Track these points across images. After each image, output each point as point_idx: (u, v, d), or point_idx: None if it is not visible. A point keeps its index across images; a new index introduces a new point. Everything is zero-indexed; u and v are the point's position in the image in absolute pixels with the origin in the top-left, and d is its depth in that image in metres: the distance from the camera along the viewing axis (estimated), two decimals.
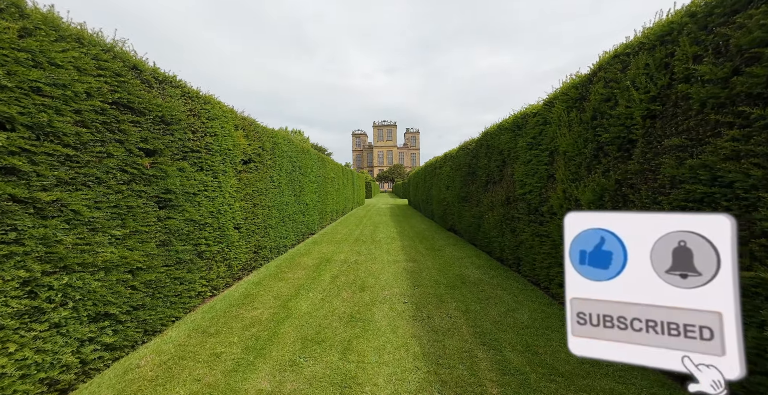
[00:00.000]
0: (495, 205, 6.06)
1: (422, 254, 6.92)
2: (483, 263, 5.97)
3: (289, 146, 7.37)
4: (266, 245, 5.94)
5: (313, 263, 6.17)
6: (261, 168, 5.71)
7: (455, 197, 9.12)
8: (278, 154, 6.60)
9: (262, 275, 5.30)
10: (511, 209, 5.31)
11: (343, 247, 7.79)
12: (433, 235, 9.56)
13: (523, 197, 4.79)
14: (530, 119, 4.53)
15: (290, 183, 7.34)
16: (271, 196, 6.13)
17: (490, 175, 6.41)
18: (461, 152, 8.57)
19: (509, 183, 5.42)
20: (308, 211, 8.80)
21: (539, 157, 4.24)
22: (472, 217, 7.53)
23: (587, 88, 3.22)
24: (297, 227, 7.84)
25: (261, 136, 5.80)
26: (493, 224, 6.09)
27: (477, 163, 7.24)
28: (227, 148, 4.46)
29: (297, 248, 7.61)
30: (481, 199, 6.91)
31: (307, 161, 8.76)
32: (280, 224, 6.66)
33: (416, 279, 5.09)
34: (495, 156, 6.11)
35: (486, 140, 6.70)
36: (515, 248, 5.10)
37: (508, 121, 5.52)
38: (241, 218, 4.85)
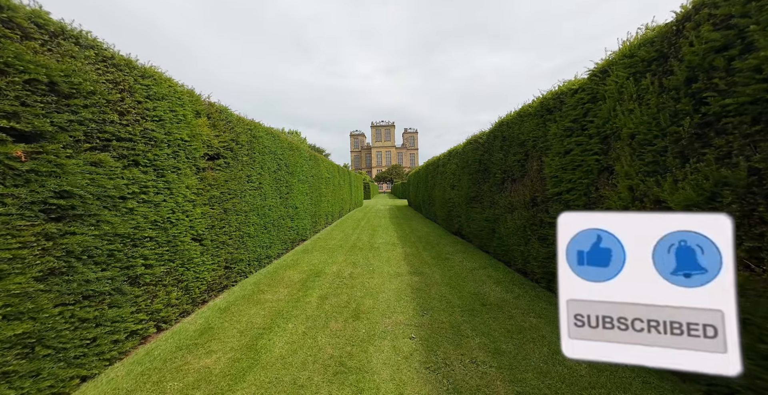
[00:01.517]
0: (515, 207, 5.07)
1: (428, 265, 5.92)
2: (502, 277, 4.97)
3: (274, 141, 6.36)
4: (242, 258, 4.92)
5: (300, 279, 5.15)
6: (234, 166, 4.70)
7: (462, 197, 8.13)
8: (258, 149, 5.59)
9: (234, 297, 4.27)
10: (539, 212, 4.31)
11: (336, 256, 6.78)
12: (437, 240, 8.56)
13: (558, 197, 3.79)
14: (568, 98, 3.54)
15: (275, 184, 6.33)
16: (248, 199, 5.12)
17: (508, 171, 5.42)
18: (469, 147, 7.58)
19: (536, 180, 4.43)
20: (298, 215, 7.78)
21: (584, 145, 3.24)
22: (484, 220, 6.54)
23: (673, 41, 2.23)
24: (284, 234, 6.82)
25: (234, 127, 4.79)
26: (513, 230, 5.10)
27: (490, 158, 6.25)
28: (181, 138, 3.45)
29: (283, 259, 6.59)
30: (496, 200, 5.92)
31: (296, 159, 7.75)
32: (262, 231, 5.65)
33: (424, 300, 4.09)
34: (514, 149, 5.12)
35: (501, 130, 5.71)
36: (547, 260, 4.10)
37: (532, 105, 4.53)
38: (203, 228, 3.84)
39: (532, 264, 4.53)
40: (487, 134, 6.51)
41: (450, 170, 9.39)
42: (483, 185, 6.69)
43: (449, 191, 9.50)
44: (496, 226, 5.97)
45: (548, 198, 4.05)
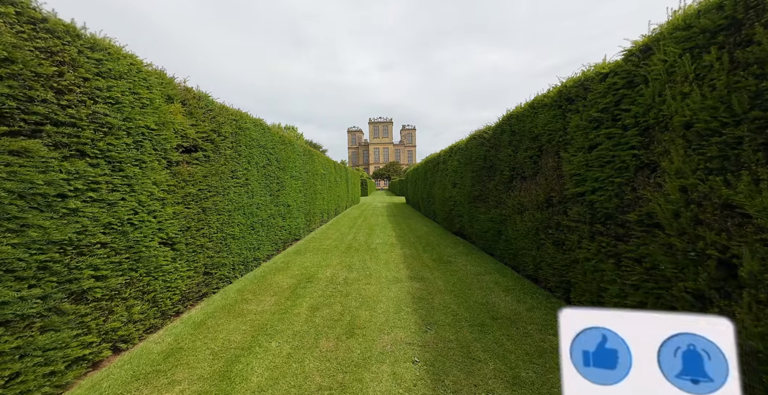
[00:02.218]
0: (526, 207, 4.60)
1: (429, 269, 5.46)
2: (512, 285, 4.51)
3: (263, 134, 5.84)
4: (225, 263, 4.42)
5: (290, 285, 4.67)
6: (216, 159, 4.19)
7: (465, 196, 7.66)
8: (245, 142, 5.07)
9: (213, 308, 3.78)
10: (555, 214, 3.85)
11: (331, 258, 6.30)
12: (438, 240, 8.10)
13: (580, 197, 3.33)
14: (595, 85, 3.05)
15: (264, 180, 5.82)
16: (232, 197, 4.61)
17: (517, 169, 4.95)
18: (473, 142, 7.09)
19: (551, 179, 3.96)
20: (290, 213, 7.28)
21: (617, 138, 2.77)
22: (489, 221, 6.07)
23: (753, 2, 1.75)
24: (274, 234, 6.32)
25: (216, 116, 4.27)
26: (524, 233, 4.64)
27: (496, 154, 5.77)
28: (146, 126, 2.93)
29: (273, 261, 6.09)
30: (503, 199, 5.46)
31: (288, 154, 7.23)
32: (249, 232, 5.15)
33: (427, 312, 3.63)
34: (525, 144, 4.64)
35: (510, 124, 5.23)
36: (564, 268, 3.65)
37: (549, 95, 4.05)
38: (176, 230, 3.33)
39: (546, 271, 4.08)
40: (494, 129, 6.03)
41: (451, 167, 8.91)
42: (488, 184, 6.22)
43: (450, 189, 9.03)
44: (502, 227, 5.51)
45: (567, 199, 3.59)
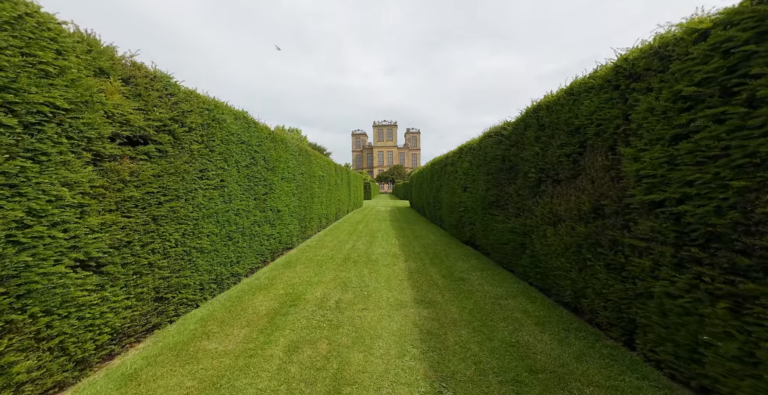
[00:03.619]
0: (562, 217, 3.68)
1: (439, 289, 4.53)
2: (545, 315, 3.57)
3: (246, 129, 4.99)
4: (189, 283, 3.55)
5: (269, 310, 3.77)
6: (176, 156, 3.33)
7: (477, 201, 6.73)
8: (221, 137, 4.22)
9: (161, 347, 2.89)
10: (608, 228, 2.92)
11: (324, 272, 5.40)
12: (446, 251, 7.17)
13: (658, 208, 2.40)
14: (685, 48, 2.15)
15: (247, 182, 4.96)
16: (201, 201, 3.74)
17: (548, 170, 4.03)
18: (488, 140, 6.18)
19: (602, 182, 3.04)
20: (280, 220, 6.41)
21: (735, 120, 1.85)
22: (510, 232, 5.14)
23: None
24: (259, 244, 5.44)
25: (179, 103, 3.42)
26: (559, 249, 3.70)
27: (519, 153, 4.86)
28: (52, 104, 2.08)
29: (257, 276, 5.21)
30: (528, 206, 4.53)
31: (280, 154, 6.37)
32: (224, 243, 4.27)
33: (440, 356, 2.71)
34: (561, 139, 3.73)
35: (538, 117, 4.32)
36: (625, 302, 2.71)
37: (598, 74, 3.14)
38: (104, 246, 2.46)
39: (593, 301, 3.14)
40: (514, 124, 5.12)
41: (461, 169, 8.00)
42: (507, 187, 5.30)
43: (460, 193, 8.11)
44: (527, 241, 4.57)
45: (631, 209, 2.66)
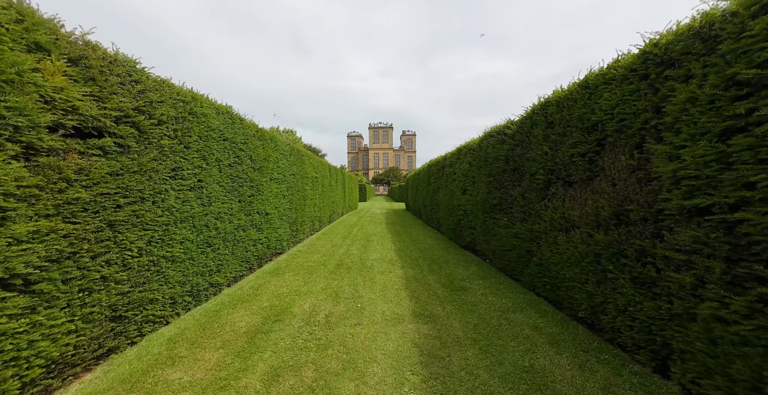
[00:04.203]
0: (576, 223, 3.30)
1: (439, 300, 4.13)
2: (558, 333, 3.18)
3: (230, 125, 4.56)
4: (156, 297, 3.10)
5: (249, 326, 3.33)
6: (142, 152, 2.89)
7: (478, 204, 6.36)
8: (199, 132, 3.79)
9: (112, 378, 2.42)
10: (634, 237, 2.54)
11: (315, 281, 4.97)
12: (445, 256, 6.77)
13: (702, 215, 2.04)
14: (738, 24, 1.80)
15: (230, 182, 4.52)
16: (173, 204, 3.31)
17: (558, 171, 3.67)
18: (489, 140, 5.82)
19: (626, 184, 2.67)
20: (269, 223, 5.96)
21: None
22: (514, 237, 4.77)
23: None
24: (244, 250, 5.00)
25: (146, 91, 2.99)
26: (573, 258, 3.33)
27: (524, 154, 4.50)
28: None
29: (240, 285, 4.76)
30: (536, 210, 4.16)
31: (268, 153, 5.95)
32: (201, 250, 3.83)
33: (445, 388, 2.29)
34: (574, 137, 3.37)
35: (546, 114, 3.97)
36: (658, 323, 2.33)
37: (619, 64, 2.78)
38: (34, 260, 2.02)
39: (616, 320, 2.76)
40: (519, 123, 4.76)
41: (461, 170, 7.63)
42: (511, 190, 4.93)
43: (459, 196, 7.74)
44: (534, 247, 4.20)
45: (665, 215, 2.28)
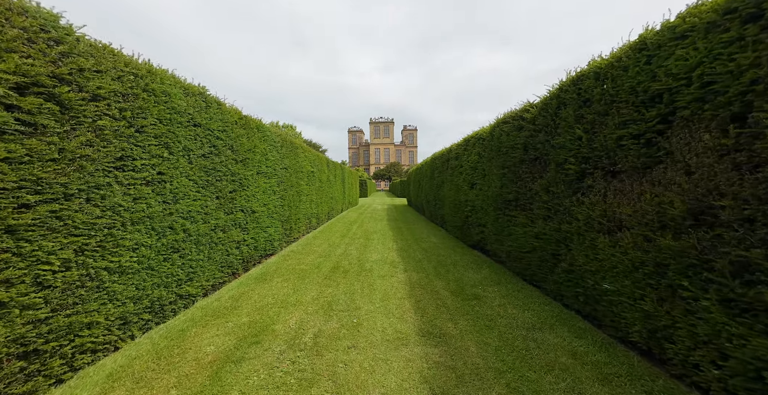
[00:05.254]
0: (625, 223, 2.60)
1: (450, 313, 3.47)
2: (605, 362, 2.50)
3: (203, 109, 3.86)
4: (98, 320, 2.43)
5: (217, 354, 2.67)
6: (67, 135, 2.20)
7: (489, 200, 5.66)
8: (159, 114, 3.09)
9: None
10: (728, 244, 1.85)
11: (306, 288, 4.31)
12: (452, 257, 6.10)
13: None
14: None
15: (204, 176, 3.84)
16: (119, 201, 2.62)
17: (597, 159, 2.96)
18: (504, 128, 5.10)
19: (711, 170, 1.95)
20: (255, 222, 5.29)
21: None
22: (535, 238, 4.08)
23: None
24: (224, 254, 4.33)
25: (72, 54, 2.29)
26: (622, 268, 2.63)
27: (549, 140, 3.79)
28: None
29: (219, 295, 4.10)
30: (565, 206, 3.47)
31: (255, 143, 5.25)
32: (165, 257, 3.16)
33: None
34: (622, 115, 2.64)
35: (579, 90, 3.24)
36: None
37: (701, 9, 2.07)
38: None
39: (691, 352, 2.07)
40: (541, 105, 4.04)
41: (468, 162, 6.91)
42: (531, 183, 4.23)
43: (466, 190, 7.03)
44: (562, 250, 3.51)
45: None
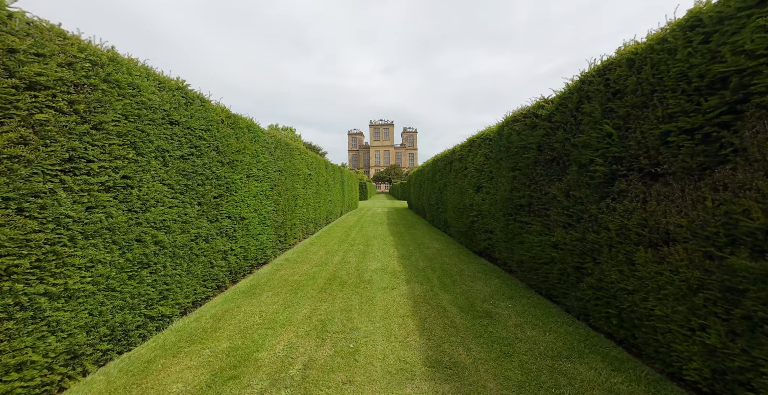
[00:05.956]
0: (675, 235, 2.13)
1: (460, 336, 3.00)
2: None
3: (182, 106, 3.42)
4: (29, 359, 1.96)
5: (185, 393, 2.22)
6: None
7: (497, 204, 5.21)
8: (124, 109, 2.64)
9: None
10: None
11: (298, 304, 3.85)
12: (458, 265, 5.64)
13: None
14: None
15: (183, 180, 3.39)
16: (67, 211, 2.17)
17: (632, 159, 2.50)
18: (514, 126, 4.65)
19: None
20: (245, 230, 4.84)
21: None
22: (553, 248, 3.63)
23: None
24: (207, 266, 3.87)
25: (4, 34, 1.86)
26: (672, 290, 2.16)
27: (569, 138, 3.34)
28: None
29: (199, 314, 3.63)
30: (591, 213, 3.01)
31: (244, 144, 4.81)
32: (132, 274, 2.70)
33: None
34: (667, 106, 2.21)
35: (607, 81, 2.79)
36: None
37: None
38: None
39: None
40: (559, 100, 3.60)
41: (474, 164, 6.47)
42: (548, 187, 3.78)
43: (471, 194, 6.58)
44: (588, 263, 3.06)
45: None
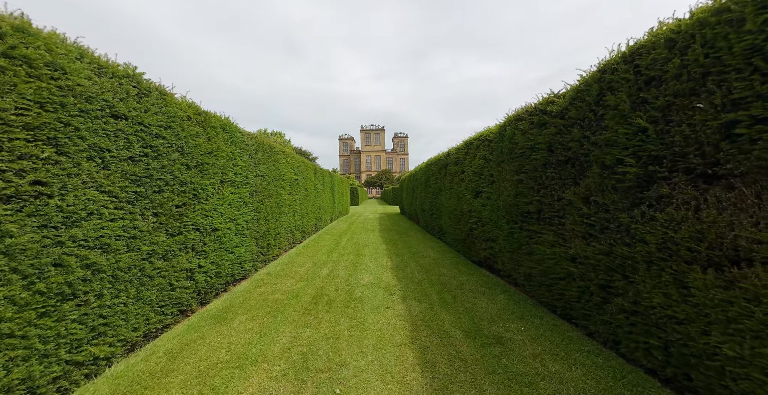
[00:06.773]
0: (752, 253, 1.69)
1: (469, 369, 2.46)
2: None
3: (134, 98, 2.83)
4: None
5: None
6: None
7: (500, 210, 4.74)
8: (37, 95, 2.04)
9: None
10: None
11: (276, 332, 3.25)
12: (457, 277, 5.12)
13: None
14: None
15: (133, 186, 2.77)
16: None
17: (677, 157, 2.04)
18: (519, 125, 4.20)
19: None
20: (218, 242, 4.21)
21: None
22: (571, 262, 3.15)
23: None
24: (165, 289, 3.24)
25: None
26: (749, 325, 1.71)
27: (588, 136, 2.89)
28: None
29: (151, 348, 2.99)
30: (621, 223, 2.54)
31: (216, 145, 4.22)
32: (45, 310, 2.05)
33: None
34: (730, 91, 1.77)
35: (637, 68, 2.35)
36: None
37: None
38: None
39: None
40: (573, 93, 3.17)
41: (471, 167, 6.01)
42: (562, 191, 3.32)
43: (469, 199, 6.11)
44: (618, 282, 2.57)
45: None
